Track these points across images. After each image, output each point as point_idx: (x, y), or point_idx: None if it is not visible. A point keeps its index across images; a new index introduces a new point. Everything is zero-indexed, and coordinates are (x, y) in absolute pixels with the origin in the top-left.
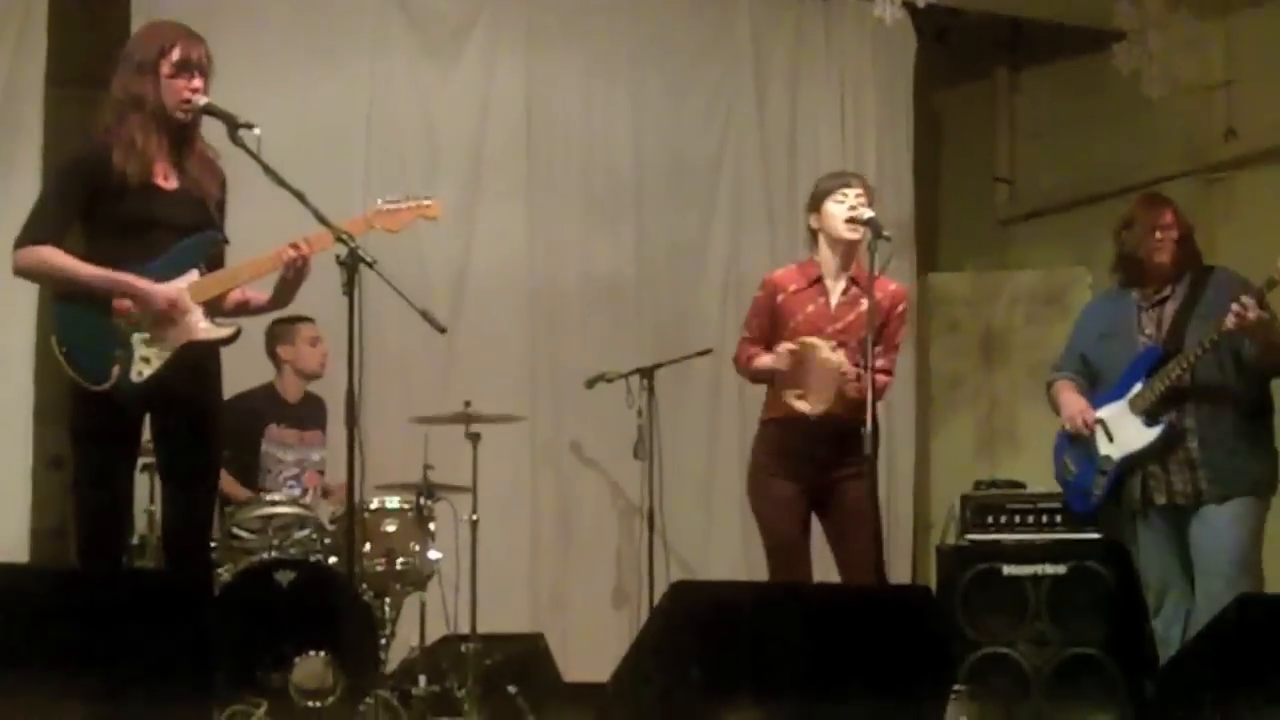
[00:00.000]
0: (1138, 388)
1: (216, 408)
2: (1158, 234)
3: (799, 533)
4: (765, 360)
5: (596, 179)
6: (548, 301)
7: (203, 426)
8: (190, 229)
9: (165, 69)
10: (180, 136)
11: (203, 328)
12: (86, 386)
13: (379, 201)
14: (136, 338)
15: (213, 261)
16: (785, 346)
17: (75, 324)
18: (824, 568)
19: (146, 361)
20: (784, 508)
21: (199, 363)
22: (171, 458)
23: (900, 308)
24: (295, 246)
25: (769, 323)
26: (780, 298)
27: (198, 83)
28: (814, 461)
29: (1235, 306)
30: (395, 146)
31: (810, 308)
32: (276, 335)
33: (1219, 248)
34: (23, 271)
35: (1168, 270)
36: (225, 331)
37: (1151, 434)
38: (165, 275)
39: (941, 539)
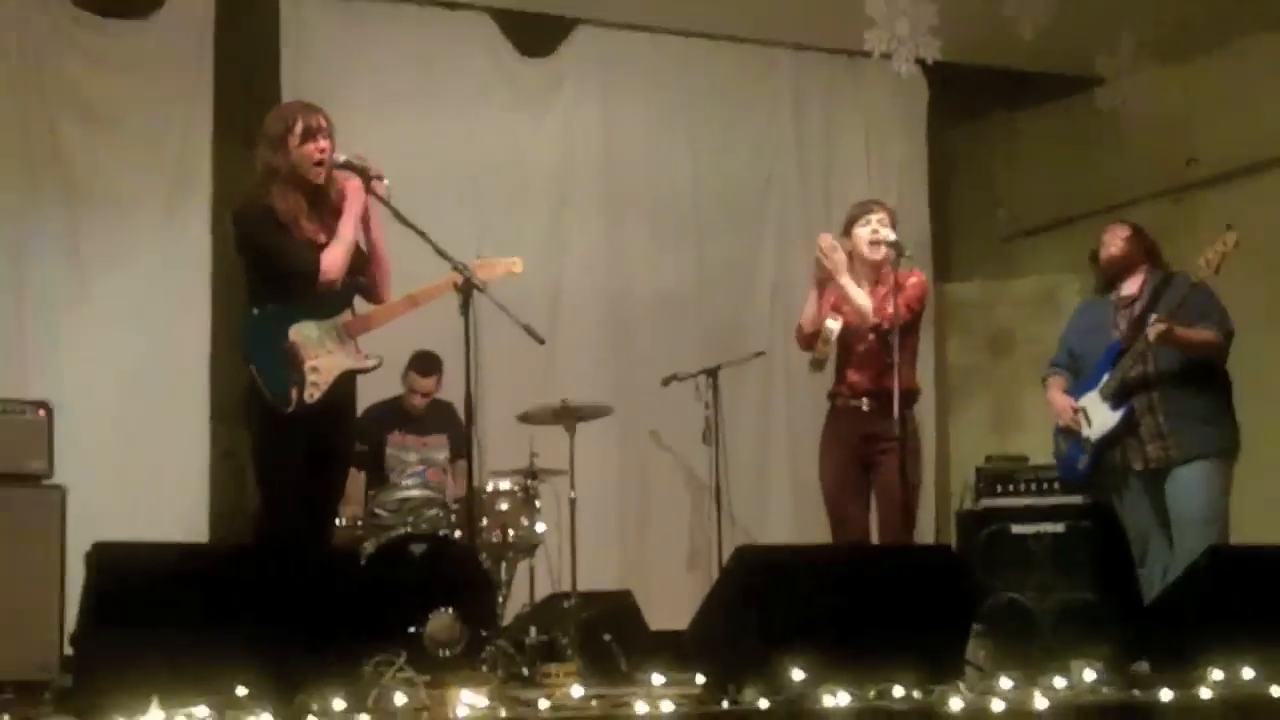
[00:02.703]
0: (1105, 378)
1: (353, 424)
2: (1107, 234)
3: (850, 499)
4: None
5: (663, 208)
6: (625, 313)
7: (345, 439)
8: (348, 275)
9: (293, 141)
10: (316, 194)
11: (358, 358)
12: (277, 408)
13: (476, 258)
14: (307, 365)
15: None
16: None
17: (264, 351)
18: None
19: (316, 386)
20: (836, 478)
21: (347, 387)
22: (316, 465)
23: (912, 280)
24: (422, 295)
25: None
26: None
27: (324, 144)
28: (859, 439)
29: (1149, 326)
30: (497, 186)
31: (847, 307)
32: (408, 366)
33: (1183, 258)
34: None
35: (1118, 261)
36: (372, 363)
37: (1116, 417)
38: (326, 316)
39: (960, 505)
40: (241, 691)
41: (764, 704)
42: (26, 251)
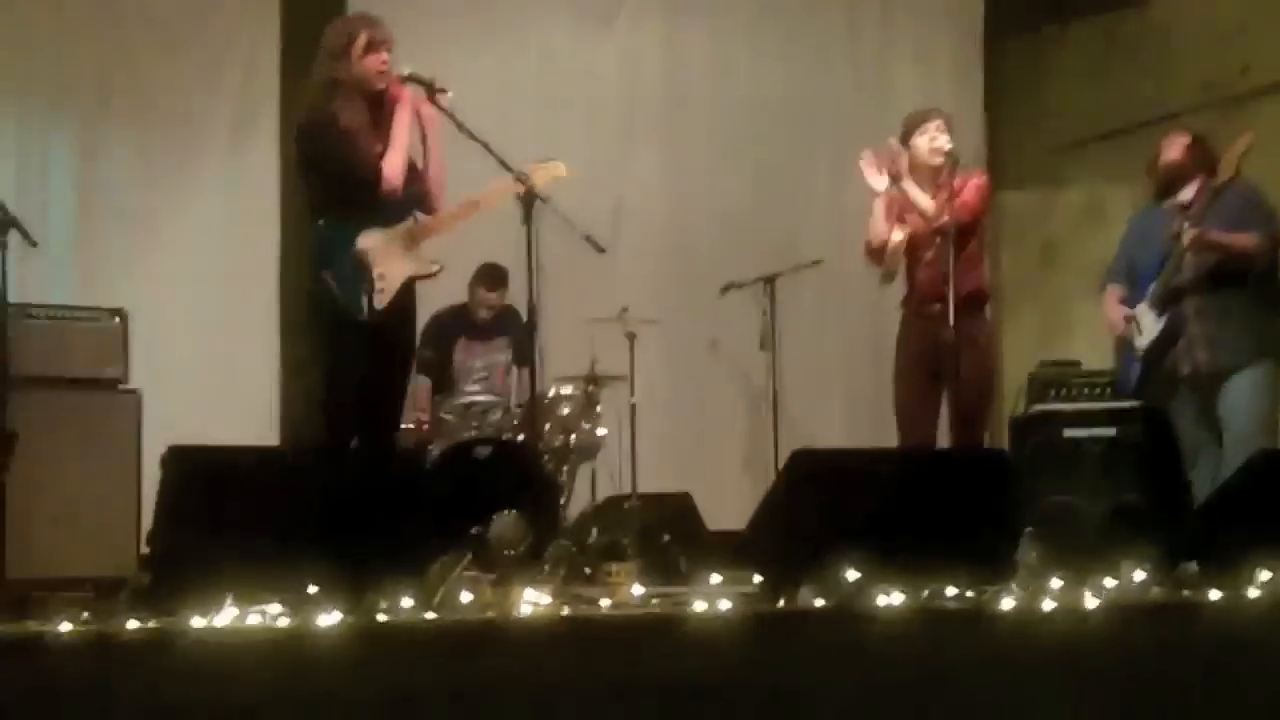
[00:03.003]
0: (1154, 285)
1: (415, 329)
2: (1165, 141)
3: (918, 406)
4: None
5: (722, 121)
6: (685, 223)
7: (409, 343)
8: (403, 184)
9: (356, 52)
10: (376, 105)
11: (422, 264)
12: (349, 315)
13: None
14: (375, 272)
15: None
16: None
17: (336, 260)
18: None
19: (383, 293)
20: (906, 384)
21: (410, 292)
22: (382, 369)
23: (974, 181)
24: (484, 199)
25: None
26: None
27: (386, 56)
28: (930, 343)
29: (1184, 232)
30: (560, 101)
31: (912, 214)
32: (474, 278)
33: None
34: None
35: (1174, 169)
36: (435, 268)
37: (1159, 325)
38: (389, 224)
39: (1013, 410)
40: (313, 590)
41: (819, 603)
42: (98, 158)
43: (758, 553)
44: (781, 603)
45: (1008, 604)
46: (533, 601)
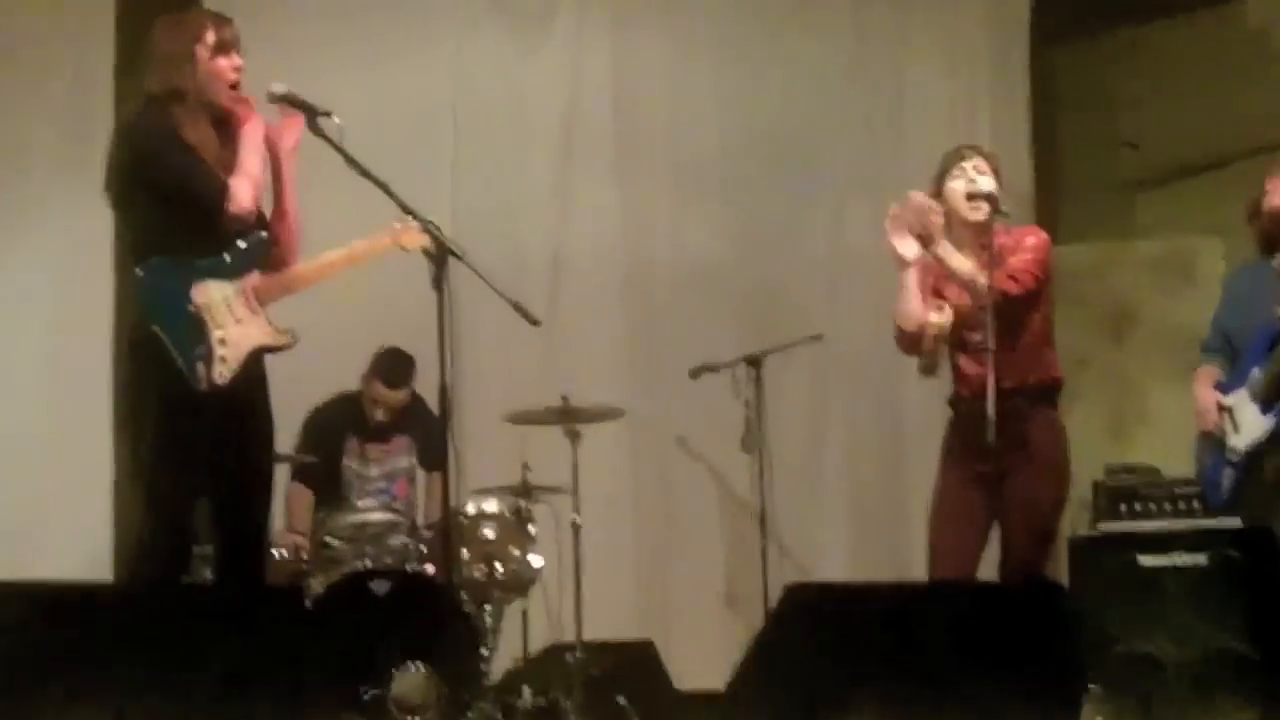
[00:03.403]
0: (1255, 371)
1: (268, 420)
2: (1270, 182)
3: (955, 525)
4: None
5: (689, 156)
6: (644, 285)
7: (264, 436)
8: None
9: (202, 55)
10: (223, 125)
11: (271, 332)
12: (184, 387)
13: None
14: (214, 335)
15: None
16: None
17: (167, 311)
18: None
19: (225, 363)
20: (942, 498)
21: (257, 367)
22: (227, 469)
23: (1030, 240)
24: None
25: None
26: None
27: (239, 61)
28: (979, 448)
29: None
30: (483, 130)
31: (953, 289)
32: (371, 370)
33: None
34: None
35: None
36: (287, 339)
37: (1265, 423)
38: (231, 275)
39: (1073, 529)
40: None
41: None
42: None
43: (746, 716)
44: None
45: None
46: None
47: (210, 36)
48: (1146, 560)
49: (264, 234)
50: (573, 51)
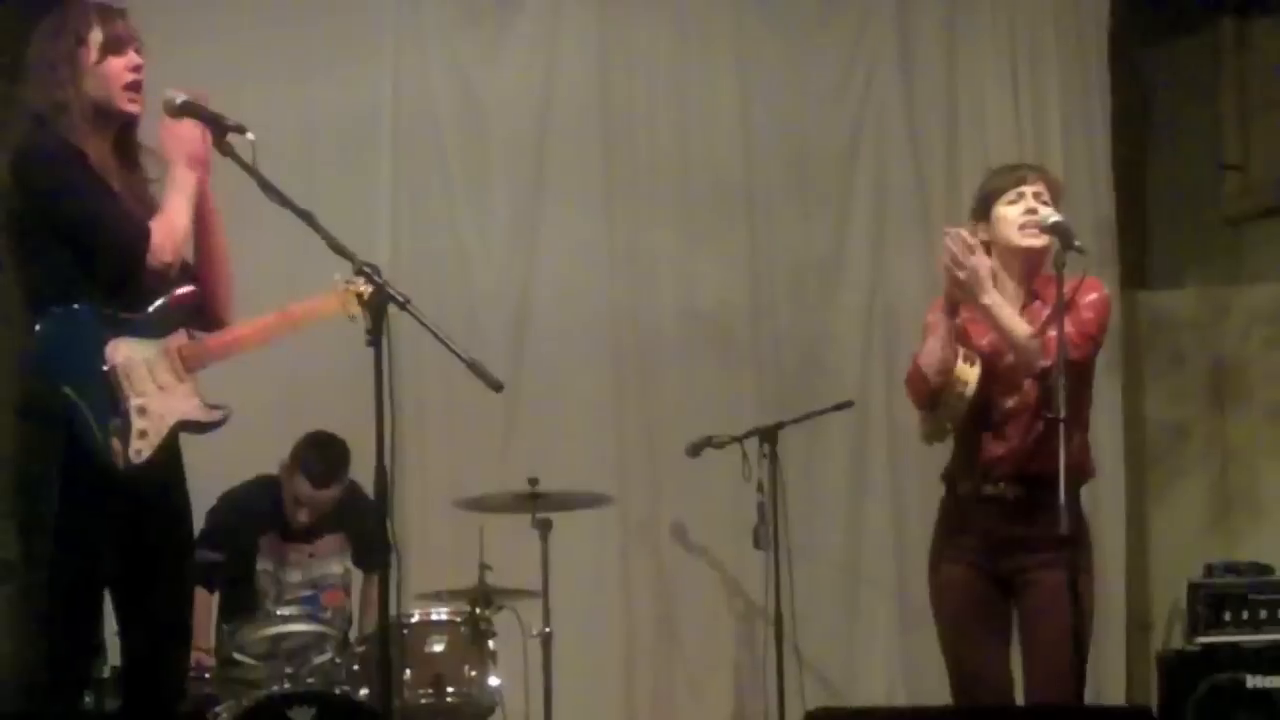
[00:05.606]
0: None
1: (189, 508)
2: None
3: (979, 640)
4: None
5: (695, 178)
6: (634, 341)
7: (181, 529)
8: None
9: (88, 56)
10: (122, 140)
11: (198, 406)
12: (95, 465)
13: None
14: (133, 405)
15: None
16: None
17: (76, 368)
18: None
19: (143, 437)
20: (957, 609)
21: (175, 448)
22: (140, 567)
23: (1091, 297)
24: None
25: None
26: (960, 318)
27: (137, 58)
28: (998, 540)
29: None
30: (431, 142)
31: (989, 336)
32: (292, 459)
33: None
34: None
35: None
36: (219, 415)
37: None
38: (153, 335)
39: (1164, 643)
40: None
41: None
42: None
43: None
44: None
45: None
46: None
47: (97, 33)
48: (1255, 681)
49: (192, 288)
50: (546, 44)
